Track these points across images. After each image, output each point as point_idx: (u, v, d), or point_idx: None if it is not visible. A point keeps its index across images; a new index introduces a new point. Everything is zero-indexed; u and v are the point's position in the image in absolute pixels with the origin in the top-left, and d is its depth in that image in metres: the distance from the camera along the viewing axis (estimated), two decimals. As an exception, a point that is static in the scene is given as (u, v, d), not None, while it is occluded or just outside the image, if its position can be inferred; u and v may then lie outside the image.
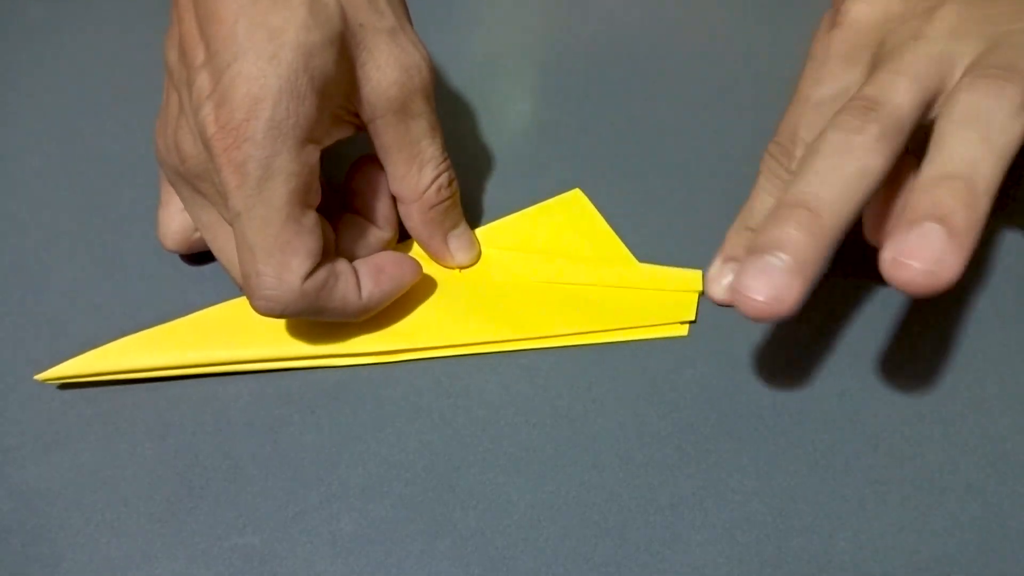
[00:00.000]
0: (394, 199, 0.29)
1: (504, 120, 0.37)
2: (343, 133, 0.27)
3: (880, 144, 0.23)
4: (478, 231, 0.32)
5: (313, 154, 0.25)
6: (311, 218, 0.25)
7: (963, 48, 0.25)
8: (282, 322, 0.28)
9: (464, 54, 0.39)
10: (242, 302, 0.29)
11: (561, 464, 0.26)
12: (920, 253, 0.21)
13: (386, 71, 0.26)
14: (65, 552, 0.25)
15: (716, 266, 0.27)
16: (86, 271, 0.31)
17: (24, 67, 0.39)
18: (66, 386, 0.28)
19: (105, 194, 0.34)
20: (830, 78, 0.28)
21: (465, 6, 0.42)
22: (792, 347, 0.29)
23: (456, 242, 0.30)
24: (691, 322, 0.29)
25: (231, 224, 0.25)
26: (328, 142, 0.26)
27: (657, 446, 0.26)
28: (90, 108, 0.37)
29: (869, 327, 0.29)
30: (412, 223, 0.29)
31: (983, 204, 0.22)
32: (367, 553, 0.24)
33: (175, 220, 0.29)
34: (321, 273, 0.25)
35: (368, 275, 0.27)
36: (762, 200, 0.28)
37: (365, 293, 0.27)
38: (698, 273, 0.30)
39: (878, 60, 0.26)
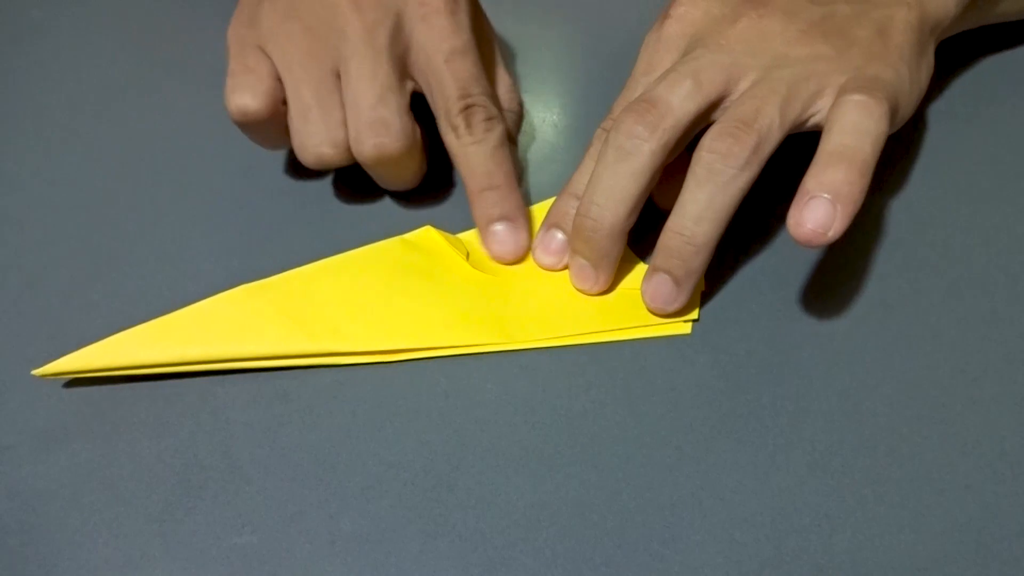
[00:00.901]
0: None
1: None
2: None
3: (651, 144, 0.27)
4: (474, 231, 0.32)
5: None
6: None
7: (752, 62, 0.28)
8: (282, 319, 0.28)
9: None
10: (240, 294, 0.29)
11: (561, 464, 0.26)
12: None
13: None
14: (62, 551, 0.24)
15: (542, 232, 0.31)
16: (84, 268, 0.31)
17: (24, 67, 0.39)
18: (64, 384, 0.28)
19: (103, 192, 0.34)
20: (658, 64, 0.31)
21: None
22: (792, 347, 0.29)
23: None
24: (694, 320, 0.29)
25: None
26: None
27: (657, 446, 0.26)
28: (89, 108, 0.37)
29: (868, 326, 0.29)
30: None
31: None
32: (366, 553, 0.24)
33: (264, 81, 0.30)
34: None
35: None
36: (586, 171, 0.30)
37: None
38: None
39: (686, 52, 0.30)
